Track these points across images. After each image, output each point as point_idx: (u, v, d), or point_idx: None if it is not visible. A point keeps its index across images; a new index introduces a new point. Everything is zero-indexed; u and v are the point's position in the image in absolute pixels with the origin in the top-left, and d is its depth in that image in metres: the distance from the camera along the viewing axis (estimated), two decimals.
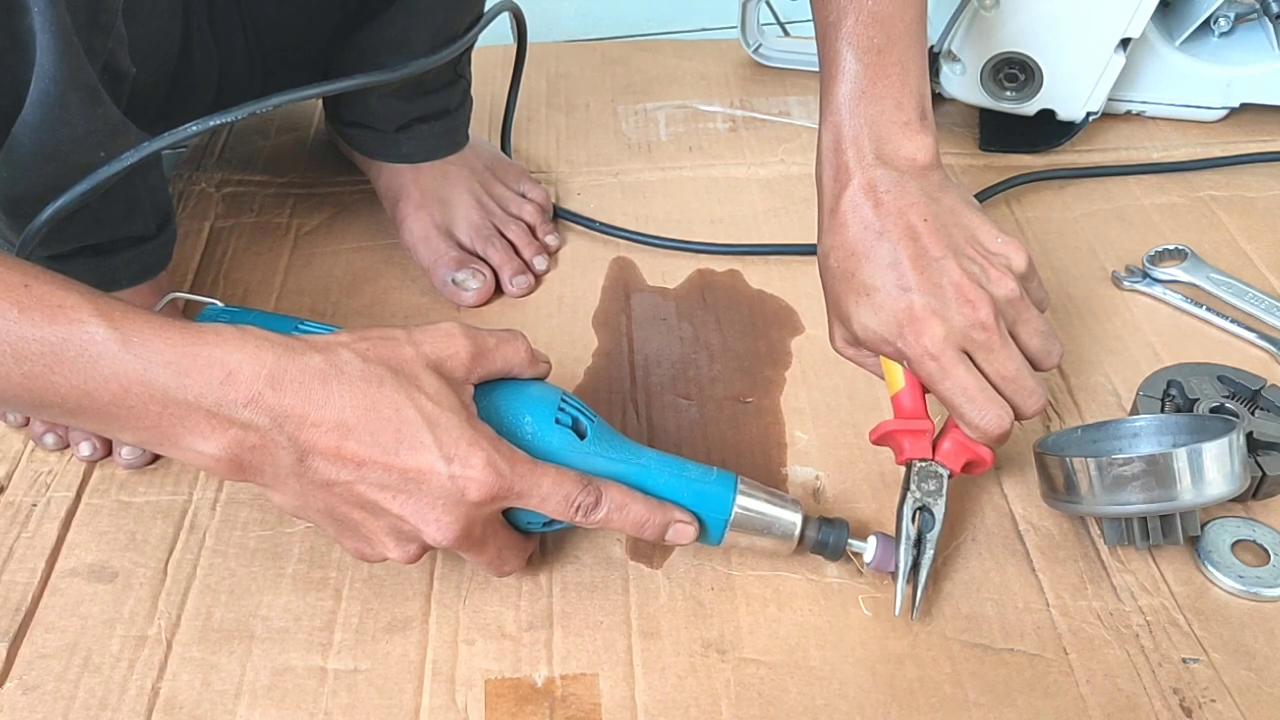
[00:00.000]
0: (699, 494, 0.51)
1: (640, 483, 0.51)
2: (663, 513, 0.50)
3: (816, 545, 0.53)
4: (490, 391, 0.50)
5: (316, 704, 0.50)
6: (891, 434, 0.56)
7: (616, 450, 0.51)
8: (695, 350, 0.69)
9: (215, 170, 0.87)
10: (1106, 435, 0.58)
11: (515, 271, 0.74)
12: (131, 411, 0.42)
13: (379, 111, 0.75)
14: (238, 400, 0.42)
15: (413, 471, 0.44)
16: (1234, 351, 0.68)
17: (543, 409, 0.51)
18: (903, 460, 0.55)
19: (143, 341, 0.42)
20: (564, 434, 0.50)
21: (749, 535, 0.52)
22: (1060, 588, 0.54)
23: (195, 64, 0.69)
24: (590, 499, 0.48)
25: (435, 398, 0.46)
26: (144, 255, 0.65)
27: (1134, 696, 0.50)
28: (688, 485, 0.51)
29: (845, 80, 0.56)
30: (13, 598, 0.54)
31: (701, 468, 0.52)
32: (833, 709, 0.50)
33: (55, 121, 0.50)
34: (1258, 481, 0.56)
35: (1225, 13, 0.86)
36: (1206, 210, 0.80)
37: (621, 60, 1.02)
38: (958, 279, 0.52)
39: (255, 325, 0.48)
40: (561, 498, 0.47)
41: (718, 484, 0.52)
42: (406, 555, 0.48)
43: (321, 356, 0.44)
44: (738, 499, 0.51)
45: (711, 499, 0.51)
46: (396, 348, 0.47)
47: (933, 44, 0.86)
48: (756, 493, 0.52)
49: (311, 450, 0.44)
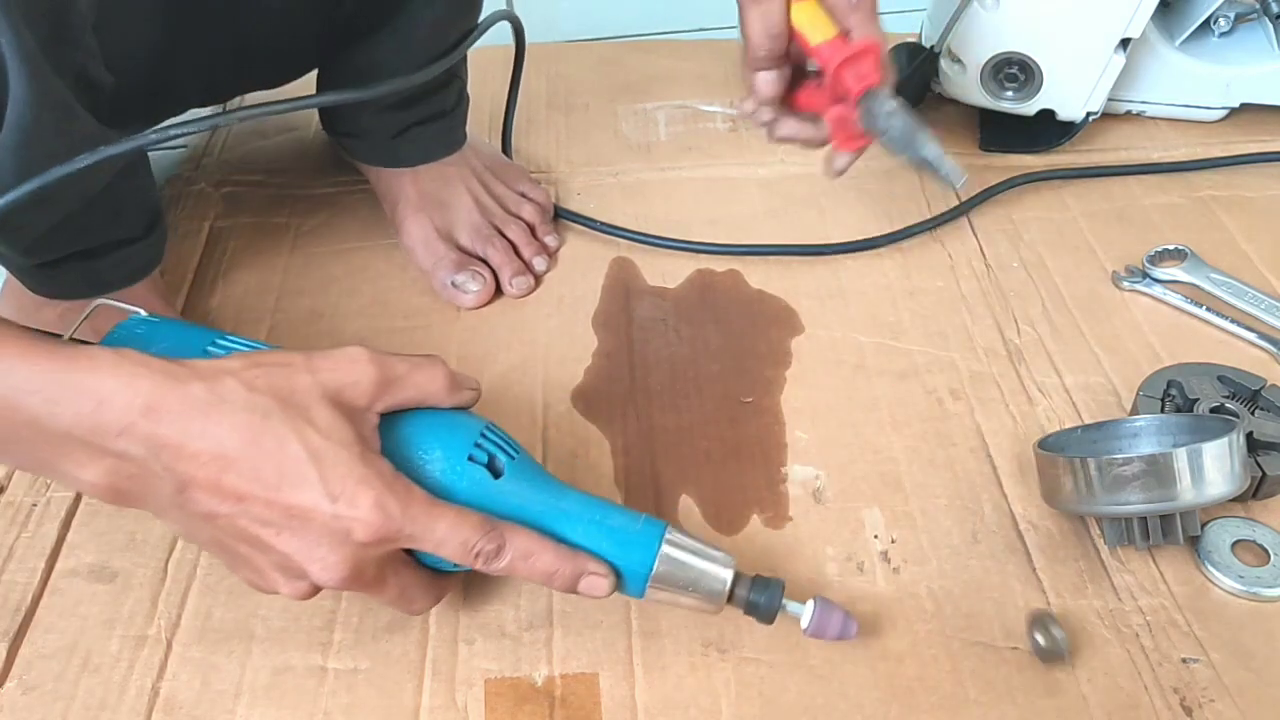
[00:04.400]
0: (620, 543, 0.47)
1: (556, 528, 0.47)
2: (574, 563, 0.46)
3: (748, 605, 0.48)
4: (401, 422, 0.47)
5: (316, 704, 0.50)
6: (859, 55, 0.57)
7: (534, 492, 0.48)
8: (695, 350, 0.69)
9: (214, 170, 0.86)
10: (1106, 435, 0.58)
11: (515, 272, 0.74)
12: (5, 439, 0.41)
13: (376, 124, 0.75)
14: (110, 430, 0.40)
15: (296, 509, 0.42)
16: (1234, 351, 0.68)
17: (456, 443, 0.47)
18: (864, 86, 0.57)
19: (9, 369, 0.40)
20: (475, 472, 0.47)
21: (673, 590, 0.48)
22: (1060, 587, 0.54)
23: (178, 71, 0.69)
24: (491, 546, 0.44)
25: (325, 431, 0.43)
26: (133, 257, 0.65)
27: (1134, 695, 0.50)
28: (608, 533, 0.47)
29: None
30: (13, 598, 0.54)
31: (628, 514, 0.48)
32: (832, 708, 0.50)
33: (31, 141, 0.49)
34: (1258, 481, 0.56)
35: (1225, 13, 0.86)
36: (1206, 210, 0.80)
37: (621, 60, 1.02)
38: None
39: (172, 339, 0.47)
40: (459, 543, 0.44)
41: (642, 534, 0.48)
42: (297, 592, 0.45)
43: (204, 385, 0.42)
44: (662, 550, 0.47)
45: (633, 549, 0.47)
46: (290, 376, 0.44)
47: (933, 44, 0.86)
48: (684, 545, 0.48)
49: (190, 482, 0.41)
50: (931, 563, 0.56)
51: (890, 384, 0.66)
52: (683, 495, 0.60)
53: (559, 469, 0.61)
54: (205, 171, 0.86)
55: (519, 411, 0.65)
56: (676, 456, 0.62)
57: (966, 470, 0.61)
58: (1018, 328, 0.70)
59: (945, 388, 0.66)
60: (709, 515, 0.58)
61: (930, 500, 0.59)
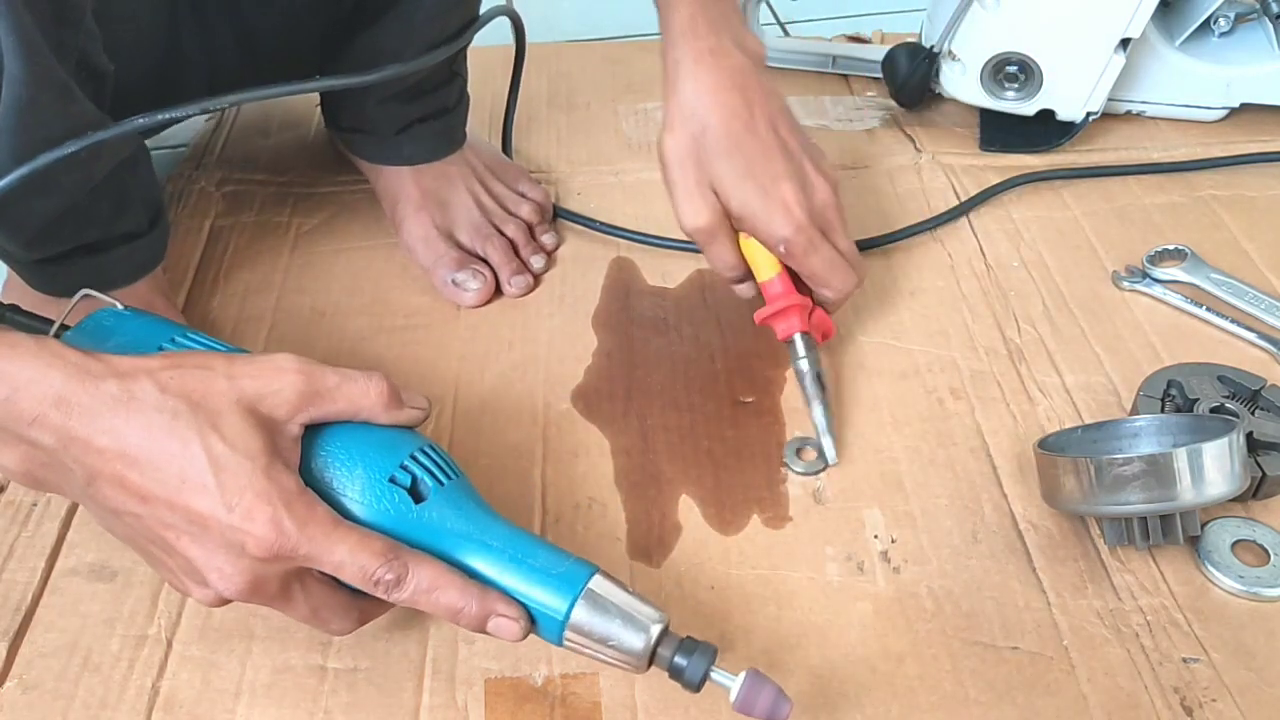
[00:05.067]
0: (539, 583, 0.44)
1: (472, 562, 0.44)
2: (482, 602, 0.43)
3: (672, 669, 0.44)
4: (328, 436, 0.45)
5: (316, 703, 0.50)
6: (782, 312, 0.62)
7: (459, 521, 0.45)
8: (695, 350, 0.69)
9: (215, 169, 0.87)
10: (1106, 435, 0.58)
11: (514, 272, 0.74)
12: None
13: (378, 116, 0.75)
14: (23, 418, 0.40)
15: (194, 514, 0.41)
16: (1234, 351, 0.68)
17: (381, 462, 0.45)
18: (788, 335, 0.63)
19: None
20: (394, 495, 0.44)
21: (591, 641, 0.44)
22: (1061, 587, 0.54)
23: (182, 62, 0.69)
24: (391, 575, 0.42)
25: (231, 439, 0.41)
26: (137, 252, 0.65)
27: (1134, 695, 0.50)
28: (528, 572, 0.44)
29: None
30: (13, 597, 0.54)
31: (557, 555, 0.45)
32: (833, 708, 0.50)
33: (29, 124, 0.49)
34: (1258, 481, 0.56)
35: (1225, 13, 0.86)
36: (1206, 210, 0.80)
37: (622, 60, 1.02)
38: (811, 169, 0.62)
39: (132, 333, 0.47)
40: (358, 568, 0.42)
41: (564, 576, 0.44)
42: (206, 598, 0.44)
43: (117, 383, 0.42)
44: (582, 597, 0.43)
45: (551, 591, 0.44)
46: (206, 380, 0.43)
47: (933, 44, 0.86)
48: (608, 595, 0.44)
49: (97, 476, 0.41)
50: (932, 562, 0.56)
51: (890, 384, 0.66)
52: (683, 495, 0.60)
53: (559, 468, 0.61)
54: (206, 170, 0.86)
55: (519, 411, 0.65)
56: (676, 456, 0.62)
57: (967, 470, 0.61)
58: (1018, 327, 0.70)
59: (945, 387, 0.66)
60: (709, 515, 0.58)
61: (930, 500, 0.59)
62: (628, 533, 0.58)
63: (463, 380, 0.67)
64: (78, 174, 0.56)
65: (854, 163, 0.86)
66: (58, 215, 0.57)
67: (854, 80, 0.98)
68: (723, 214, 0.61)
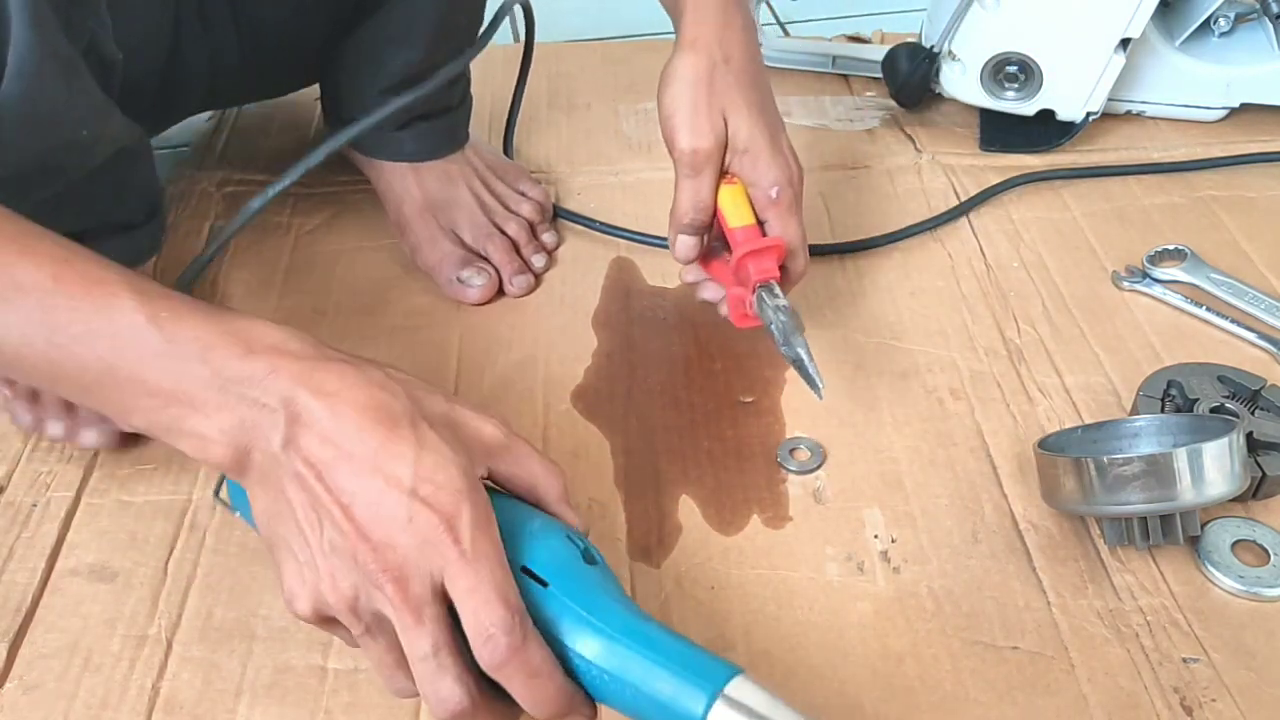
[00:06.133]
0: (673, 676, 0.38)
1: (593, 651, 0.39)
2: (565, 705, 0.40)
3: None
4: (503, 498, 0.44)
5: (317, 703, 0.50)
6: (758, 253, 0.60)
7: (590, 604, 0.40)
8: (695, 350, 0.69)
9: (216, 170, 0.87)
10: (1106, 435, 0.58)
11: (515, 271, 0.74)
12: (144, 387, 0.41)
13: (379, 109, 0.75)
14: (253, 377, 0.40)
15: (383, 477, 0.39)
16: (1234, 351, 0.68)
17: (555, 526, 0.43)
18: (763, 278, 0.60)
19: (174, 317, 0.41)
20: (568, 549, 0.42)
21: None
22: (1061, 587, 0.54)
23: (186, 58, 0.69)
24: (505, 641, 0.38)
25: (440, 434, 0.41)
26: (133, 242, 0.65)
27: (1135, 695, 0.50)
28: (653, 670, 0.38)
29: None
30: (13, 598, 0.54)
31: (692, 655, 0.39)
32: (833, 707, 0.50)
33: (34, 94, 0.49)
34: (1258, 481, 0.56)
35: (1225, 13, 0.86)
36: (1206, 210, 0.80)
37: (623, 60, 1.02)
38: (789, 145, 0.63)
39: None
40: (486, 604, 0.38)
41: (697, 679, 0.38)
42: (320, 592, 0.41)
43: (344, 359, 0.42)
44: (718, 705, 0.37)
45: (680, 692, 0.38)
46: (428, 389, 0.43)
47: (933, 44, 0.86)
48: (750, 705, 0.37)
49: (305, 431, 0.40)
50: (932, 562, 0.56)
51: (890, 384, 0.66)
52: (683, 495, 0.60)
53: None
54: (207, 171, 0.86)
55: (519, 411, 0.65)
56: (677, 456, 0.62)
57: (967, 470, 0.61)
58: (1018, 328, 0.70)
59: (945, 387, 0.66)
60: (709, 515, 0.59)
61: (930, 500, 0.59)
62: (628, 533, 0.58)
63: (463, 380, 0.67)
64: (80, 155, 0.57)
65: (854, 163, 0.86)
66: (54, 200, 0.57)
67: (854, 80, 0.98)
68: (723, 144, 0.61)
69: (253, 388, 0.40)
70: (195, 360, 0.40)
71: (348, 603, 0.40)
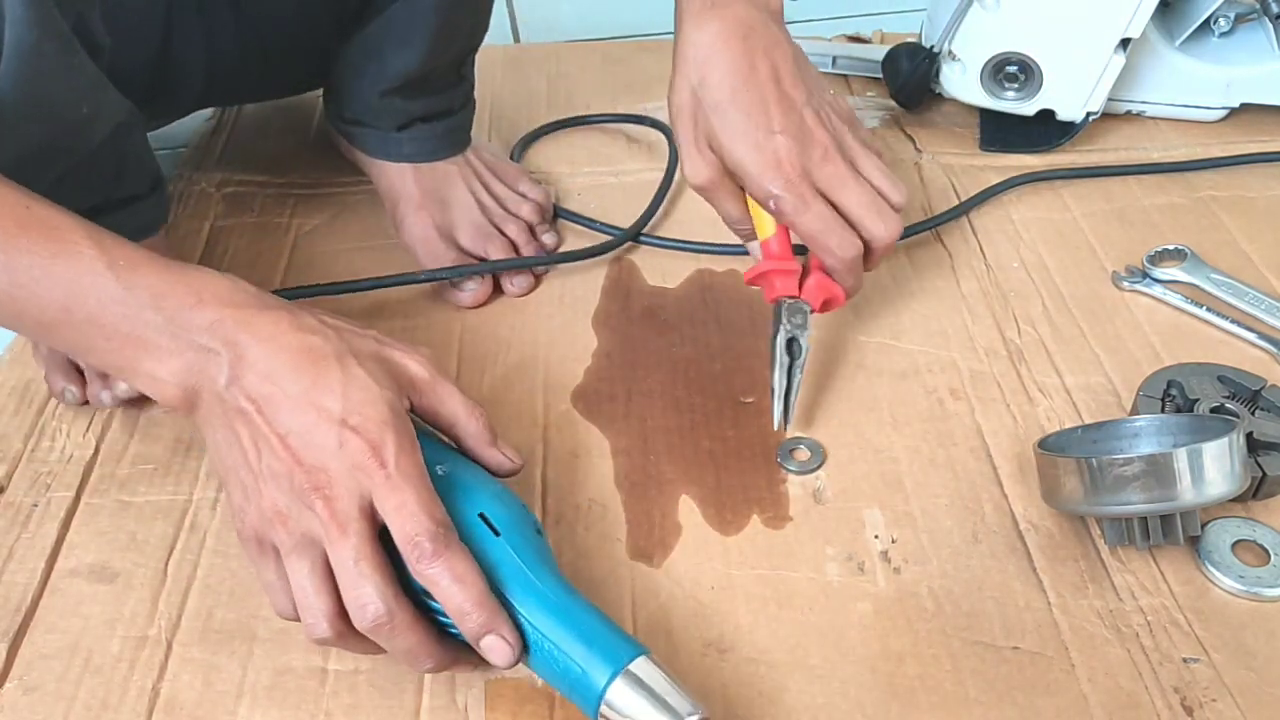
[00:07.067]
0: (585, 649, 0.43)
1: (524, 607, 0.44)
2: (491, 616, 0.43)
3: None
4: (435, 443, 0.49)
5: (318, 704, 0.50)
6: (765, 274, 0.61)
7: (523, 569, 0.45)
8: (695, 350, 0.69)
9: (215, 170, 0.87)
10: (1106, 435, 0.58)
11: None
12: (102, 331, 0.45)
13: (380, 109, 0.75)
14: (202, 324, 0.45)
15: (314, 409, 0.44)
16: (1234, 351, 0.68)
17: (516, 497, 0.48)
18: (773, 297, 0.61)
19: (129, 266, 0.45)
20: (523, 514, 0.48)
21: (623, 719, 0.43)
22: (1061, 587, 0.54)
23: (181, 45, 0.69)
24: (431, 545, 0.43)
25: (369, 371, 0.46)
26: (139, 214, 0.66)
27: (1135, 695, 0.50)
28: (579, 637, 0.43)
29: None
30: (13, 598, 0.54)
31: (612, 630, 0.44)
32: (833, 708, 0.50)
33: (33, 73, 0.49)
34: (1258, 481, 0.56)
35: (1225, 13, 0.86)
36: (1206, 210, 0.80)
37: (622, 60, 1.02)
38: (812, 123, 0.60)
39: None
40: (411, 519, 0.43)
41: (609, 652, 0.43)
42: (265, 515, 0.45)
43: (286, 308, 0.47)
44: (621, 677, 0.42)
45: (595, 663, 0.43)
46: (359, 331, 0.49)
47: (933, 44, 0.86)
48: (651, 681, 0.42)
49: (246, 372, 0.45)
50: (932, 562, 0.56)
51: (890, 384, 0.66)
52: (683, 495, 0.60)
53: (559, 469, 0.61)
54: (206, 171, 0.86)
55: (519, 411, 0.65)
56: (676, 457, 0.62)
57: (967, 470, 0.61)
58: (1018, 328, 0.70)
59: (945, 387, 0.66)
60: (709, 515, 0.58)
61: (931, 500, 0.59)
62: (628, 533, 0.58)
63: (463, 381, 0.67)
64: (80, 136, 0.57)
65: None
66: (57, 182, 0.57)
67: (854, 80, 0.98)
68: (723, 169, 0.61)
69: (201, 334, 0.45)
70: (149, 308, 0.45)
71: (282, 519, 0.44)
